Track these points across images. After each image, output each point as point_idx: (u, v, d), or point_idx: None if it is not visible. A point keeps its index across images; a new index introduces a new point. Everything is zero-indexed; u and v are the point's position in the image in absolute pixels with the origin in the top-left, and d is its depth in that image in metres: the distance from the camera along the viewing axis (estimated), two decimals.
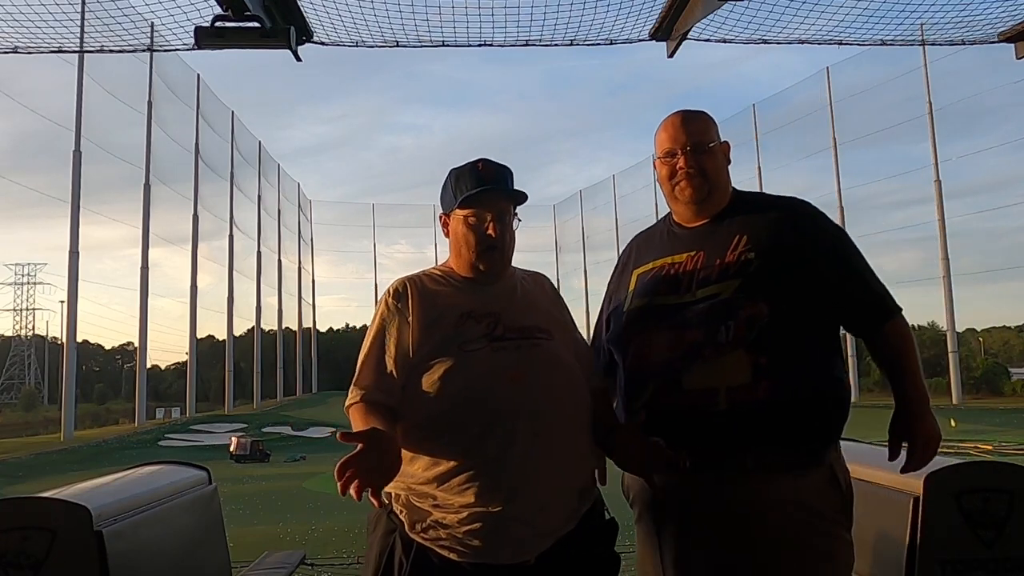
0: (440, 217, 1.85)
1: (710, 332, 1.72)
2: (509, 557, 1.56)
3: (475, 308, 1.71)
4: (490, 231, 1.73)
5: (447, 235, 1.83)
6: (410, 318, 1.71)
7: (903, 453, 1.78)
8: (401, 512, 1.63)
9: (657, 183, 2.03)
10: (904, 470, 1.79)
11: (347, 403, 1.69)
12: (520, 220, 1.81)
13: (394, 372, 1.68)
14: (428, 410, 1.62)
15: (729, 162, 1.93)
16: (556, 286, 1.99)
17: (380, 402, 1.66)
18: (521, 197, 1.78)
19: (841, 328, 1.88)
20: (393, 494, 1.66)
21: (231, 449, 20.08)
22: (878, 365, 1.85)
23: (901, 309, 1.83)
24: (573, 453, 1.65)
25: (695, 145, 1.85)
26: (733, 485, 1.69)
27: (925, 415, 1.77)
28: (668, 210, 2.00)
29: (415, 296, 1.74)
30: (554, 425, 1.62)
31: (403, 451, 1.60)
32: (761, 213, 1.85)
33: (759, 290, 1.72)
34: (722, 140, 1.91)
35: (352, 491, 1.38)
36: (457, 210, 1.76)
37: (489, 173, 1.76)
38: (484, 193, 1.72)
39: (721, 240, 1.81)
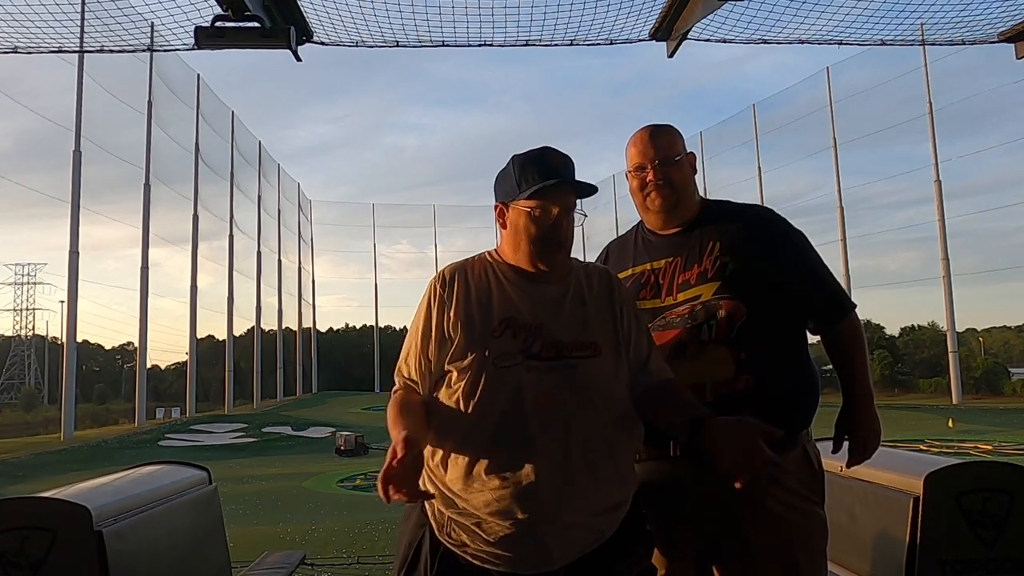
0: (496, 207, 1.73)
1: (693, 331, 1.86)
2: (533, 567, 1.55)
3: (518, 315, 1.64)
4: (557, 227, 1.65)
5: (503, 226, 1.72)
6: (451, 311, 1.67)
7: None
8: (431, 513, 1.63)
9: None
10: (848, 464, 1.96)
11: (393, 391, 1.72)
12: (585, 216, 1.72)
13: (433, 362, 1.67)
14: (457, 420, 1.61)
15: (695, 172, 2.04)
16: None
17: (416, 392, 1.68)
18: (590, 191, 1.69)
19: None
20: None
21: (339, 445, 21.17)
22: (831, 361, 1.99)
23: (855, 306, 1.97)
24: (604, 475, 1.61)
25: (663, 159, 1.97)
26: None
27: (869, 413, 1.93)
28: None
29: (461, 288, 1.69)
30: (583, 447, 1.58)
31: (432, 453, 1.63)
32: (730, 222, 1.98)
33: (737, 291, 1.85)
34: (688, 152, 2.01)
35: (396, 497, 1.42)
36: (521, 201, 1.65)
37: (558, 164, 1.66)
38: (555, 186, 1.63)
39: (696, 247, 1.94)
